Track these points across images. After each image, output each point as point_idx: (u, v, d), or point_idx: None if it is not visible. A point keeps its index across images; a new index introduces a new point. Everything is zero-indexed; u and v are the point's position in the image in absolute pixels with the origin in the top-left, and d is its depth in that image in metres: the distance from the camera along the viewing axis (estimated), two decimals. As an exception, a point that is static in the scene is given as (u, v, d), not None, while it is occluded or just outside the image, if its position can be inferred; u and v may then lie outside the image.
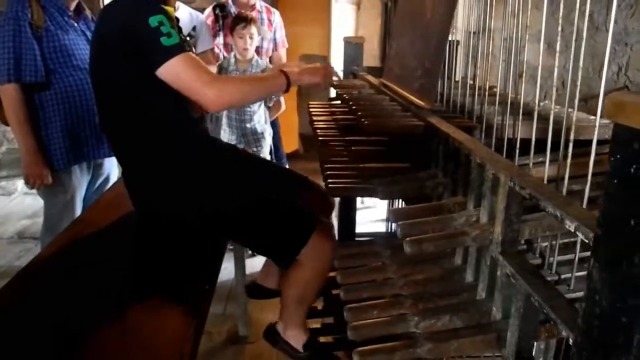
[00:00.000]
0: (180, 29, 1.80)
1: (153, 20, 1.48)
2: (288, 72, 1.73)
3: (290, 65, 1.87)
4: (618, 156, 0.56)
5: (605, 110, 0.58)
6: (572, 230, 0.73)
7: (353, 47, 2.63)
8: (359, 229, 2.83)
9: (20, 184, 4.73)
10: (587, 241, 0.68)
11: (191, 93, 1.55)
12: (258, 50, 3.35)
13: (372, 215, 4.06)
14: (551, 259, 1.08)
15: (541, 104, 1.66)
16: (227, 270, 2.84)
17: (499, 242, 0.95)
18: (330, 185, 1.36)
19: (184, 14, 3.05)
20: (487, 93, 1.45)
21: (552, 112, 1.07)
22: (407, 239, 0.97)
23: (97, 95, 1.70)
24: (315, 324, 2.34)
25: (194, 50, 1.95)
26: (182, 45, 1.53)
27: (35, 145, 2.31)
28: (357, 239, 2.67)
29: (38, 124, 2.34)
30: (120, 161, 1.78)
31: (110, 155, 2.60)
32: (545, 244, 1.11)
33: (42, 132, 2.34)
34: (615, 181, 0.56)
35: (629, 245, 0.54)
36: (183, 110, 1.66)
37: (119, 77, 1.58)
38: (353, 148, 1.59)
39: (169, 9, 1.62)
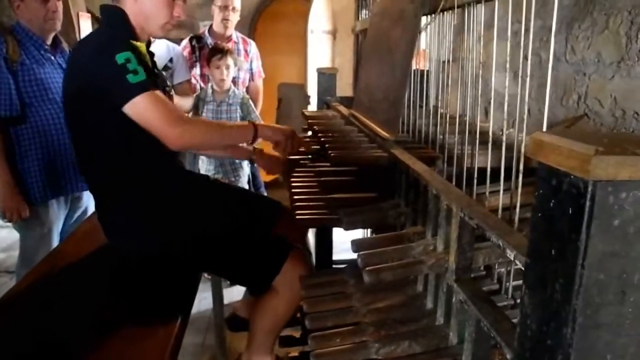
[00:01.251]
0: (154, 63, 1.85)
1: (120, 58, 1.51)
2: (257, 124, 1.78)
3: None
4: (541, 191, 0.61)
5: (528, 148, 0.63)
6: (512, 259, 0.78)
7: (326, 77, 2.70)
8: (342, 255, 2.86)
9: (-6, 216, 4.69)
10: (522, 268, 0.73)
11: (155, 130, 1.57)
12: (235, 81, 3.41)
13: (349, 236, 4.07)
14: (507, 284, 1.13)
15: (507, 132, 1.72)
16: (206, 300, 2.84)
17: (453, 270, 1.00)
18: (298, 217, 1.40)
19: (161, 46, 3.10)
20: (447, 122, 1.51)
21: (503, 141, 1.12)
22: (366, 268, 1.01)
23: (71, 131, 1.73)
24: (294, 352, 2.35)
25: (169, 83, 1.99)
26: (149, 83, 1.56)
27: (12, 179, 2.31)
28: (334, 266, 2.70)
29: (14, 157, 2.34)
30: (94, 195, 1.80)
31: (87, 189, 2.62)
32: (503, 269, 1.16)
33: (18, 166, 2.35)
34: (539, 214, 0.61)
35: (550, 273, 0.59)
36: (155, 144, 1.70)
37: (90, 114, 1.61)
38: (322, 178, 1.63)
39: (139, 44, 1.66)
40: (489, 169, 1.19)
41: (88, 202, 2.74)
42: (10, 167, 2.33)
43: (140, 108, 1.54)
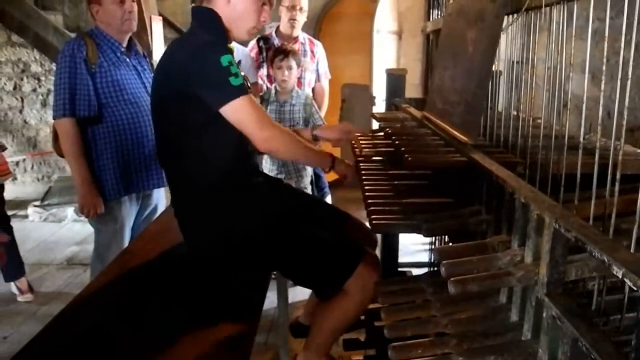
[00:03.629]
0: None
1: (224, 60, 1.56)
2: (336, 159, 1.87)
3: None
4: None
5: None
6: (620, 277, 0.72)
7: (395, 78, 2.65)
8: (405, 258, 2.83)
9: (70, 211, 4.89)
10: (635, 289, 0.68)
11: (247, 131, 1.64)
12: (301, 82, 3.41)
13: (414, 239, 4.00)
14: (598, 299, 1.06)
15: (586, 136, 1.64)
16: (269, 299, 2.84)
17: (544, 284, 0.95)
18: (374, 222, 1.37)
19: (230, 48, 3.13)
20: (530, 126, 1.45)
21: (597, 147, 1.06)
22: (452, 279, 0.97)
23: (156, 126, 1.78)
24: (358, 355, 2.33)
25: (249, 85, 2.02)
26: (247, 87, 1.62)
27: (90, 177, 2.40)
28: (400, 269, 2.66)
29: (91, 156, 2.43)
30: (173, 191, 1.83)
31: (158, 186, 2.68)
32: (593, 283, 1.10)
33: (95, 164, 2.43)
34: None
35: (677, 297, 0.54)
36: (239, 145, 1.72)
37: (181, 111, 1.65)
38: (395, 182, 1.60)
39: (231, 48, 1.69)
40: (578, 177, 1.13)
41: (158, 200, 2.80)
42: (88, 166, 2.40)
43: (237, 110, 1.60)
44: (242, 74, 1.73)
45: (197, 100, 1.59)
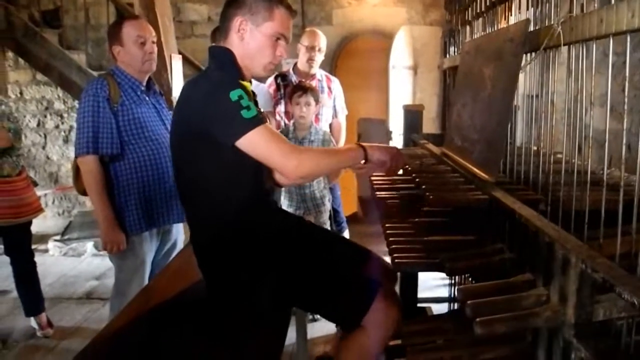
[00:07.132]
0: (256, 102, 1.90)
1: (234, 95, 1.58)
2: (365, 145, 1.76)
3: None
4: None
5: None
6: (651, 320, 0.72)
7: (412, 114, 2.67)
8: (424, 293, 2.80)
9: (89, 245, 4.93)
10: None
11: (272, 163, 1.63)
12: (318, 118, 3.44)
13: (433, 274, 3.96)
14: (628, 339, 1.05)
15: (608, 171, 1.64)
16: (287, 335, 2.84)
17: (571, 325, 0.94)
18: (396, 260, 1.37)
19: (247, 83, 3.19)
20: (551, 162, 1.45)
21: (622, 183, 1.06)
22: (478, 319, 0.97)
23: (176, 166, 1.80)
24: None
25: (269, 120, 2.03)
26: (261, 118, 1.62)
27: (113, 214, 2.42)
28: (419, 304, 2.64)
29: (113, 192, 2.45)
30: (192, 229, 1.84)
31: (179, 222, 2.70)
32: (621, 322, 1.08)
33: (116, 200, 2.46)
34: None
35: None
36: (257, 183, 1.74)
37: (198, 152, 1.67)
38: (416, 219, 1.60)
39: (246, 84, 1.73)
40: (602, 214, 1.13)
41: (177, 235, 2.82)
42: (111, 202, 2.43)
43: (255, 142, 1.60)
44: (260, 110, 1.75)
45: (213, 140, 1.61)
